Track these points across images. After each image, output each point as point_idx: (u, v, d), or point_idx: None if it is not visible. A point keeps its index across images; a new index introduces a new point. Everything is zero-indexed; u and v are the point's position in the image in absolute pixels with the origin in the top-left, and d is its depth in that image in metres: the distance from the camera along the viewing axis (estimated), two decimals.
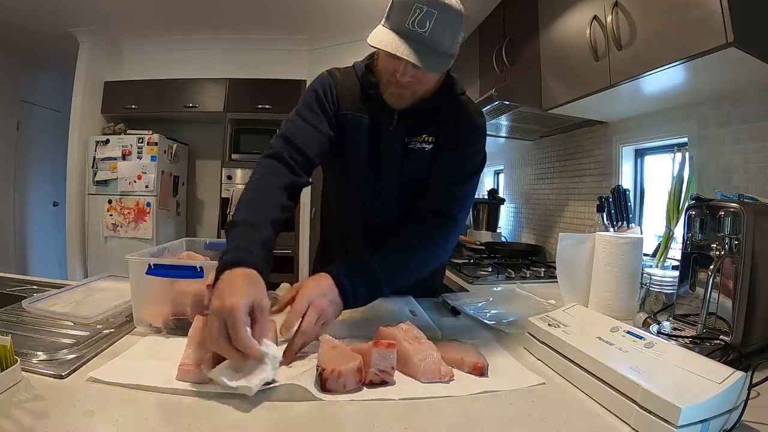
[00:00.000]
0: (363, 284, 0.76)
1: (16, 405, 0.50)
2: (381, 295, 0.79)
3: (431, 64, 0.78)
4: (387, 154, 0.96)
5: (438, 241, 0.88)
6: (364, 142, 0.95)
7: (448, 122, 0.94)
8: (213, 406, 0.52)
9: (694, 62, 0.96)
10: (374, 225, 1.01)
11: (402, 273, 0.84)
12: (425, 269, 0.88)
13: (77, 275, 3.26)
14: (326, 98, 0.94)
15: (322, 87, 0.95)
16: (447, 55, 0.81)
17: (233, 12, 3.00)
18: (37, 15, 2.96)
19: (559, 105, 1.50)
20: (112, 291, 0.94)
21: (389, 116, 0.93)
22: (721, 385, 0.48)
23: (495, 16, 2.15)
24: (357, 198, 1.02)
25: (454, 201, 0.92)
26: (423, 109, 0.92)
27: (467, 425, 0.51)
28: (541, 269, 1.69)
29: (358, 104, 0.95)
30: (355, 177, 1.00)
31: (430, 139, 0.94)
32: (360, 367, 0.58)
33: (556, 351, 0.68)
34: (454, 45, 0.81)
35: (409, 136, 0.95)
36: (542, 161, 2.24)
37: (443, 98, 0.94)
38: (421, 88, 0.87)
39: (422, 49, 0.76)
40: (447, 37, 0.78)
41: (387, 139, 0.95)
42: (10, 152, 3.87)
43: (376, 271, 0.78)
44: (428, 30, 0.76)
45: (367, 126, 0.95)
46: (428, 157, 0.95)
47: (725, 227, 0.73)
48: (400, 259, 0.84)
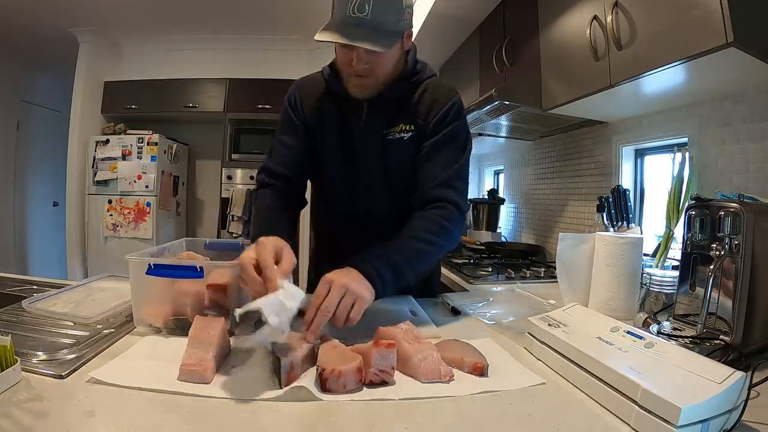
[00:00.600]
0: (386, 269, 0.76)
1: (16, 405, 0.50)
2: (407, 281, 0.80)
3: (379, 44, 0.79)
4: (364, 148, 0.97)
5: (447, 226, 0.88)
6: (338, 141, 0.97)
7: (420, 106, 0.94)
8: (213, 407, 0.52)
9: (694, 62, 0.96)
10: (363, 221, 1.01)
11: (421, 257, 0.85)
12: (440, 254, 0.92)
13: (77, 275, 3.27)
14: (294, 110, 0.99)
15: (288, 100, 1.01)
16: (394, 32, 0.82)
17: (233, 12, 3.01)
18: (37, 15, 2.96)
19: (559, 105, 1.50)
20: (112, 291, 0.94)
21: (358, 110, 0.94)
22: (721, 385, 0.48)
23: (495, 16, 2.15)
24: (342, 197, 1.03)
25: (452, 189, 0.91)
26: (391, 96, 0.93)
27: (467, 425, 0.51)
28: (541, 269, 1.69)
29: (325, 106, 0.97)
30: (336, 175, 1.01)
31: (408, 128, 0.95)
32: (360, 367, 0.58)
33: (556, 351, 0.68)
34: (400, 22, 0.83)
35: (386, 128, 0.95)
36: (542, 161, 2.23)
37: (410, 84, 0.94)
38: (381, 71, 0.88)
39: (367, 32, 0.78)
40: (390, 16, 0.81)
41: (361, 133, 0.96)
42: (10, 152, 3.87)
43: (395, 256, 0.79)
44: (368, 12, 0.78)
45: (337, 125, 0.97)
46: (409, 146, 0.95)
47: (725, 227, 0.73)
48: (414, 244, 0.84)
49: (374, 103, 0.93)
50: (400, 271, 0.78)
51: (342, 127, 0.97)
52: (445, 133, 0.93)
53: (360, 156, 0.97)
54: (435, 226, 0.87)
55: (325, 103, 0.97)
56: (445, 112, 0.93)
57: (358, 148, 0.97)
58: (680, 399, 0.47)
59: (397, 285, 0.78)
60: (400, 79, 0.93)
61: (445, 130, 0.93)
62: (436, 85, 0.97)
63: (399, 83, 0.93)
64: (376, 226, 0.95)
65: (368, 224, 0.99)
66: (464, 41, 2.57)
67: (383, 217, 0.99)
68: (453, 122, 0.94)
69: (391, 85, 0.92)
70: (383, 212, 1.00)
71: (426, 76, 0.96)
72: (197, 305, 0.75)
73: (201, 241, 1.05)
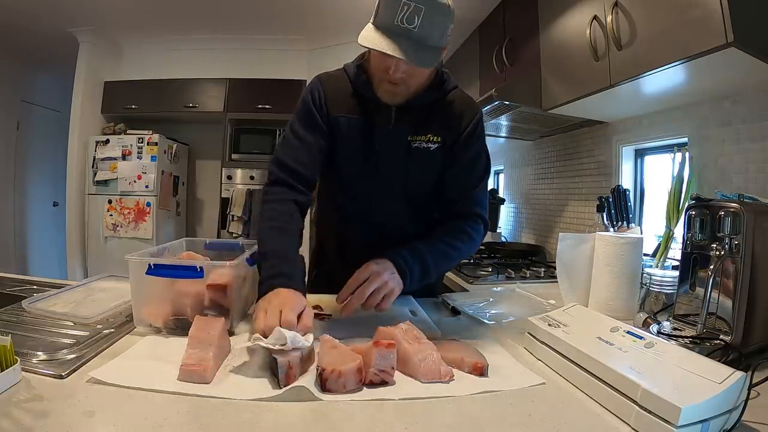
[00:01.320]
0: (417, 264, 0.84)
1: (16, 405, 0.50)
2: (430, 280, 0.88)
3: (422, 60, 0.78)
4: (387, 154, 0.95)
5: (473, 235, 0.95)
6: (360, 142, 0.95)
7: (449, 117, 0.95)
8: (213, 407, 0.52)
9: (694, 62, 0.96)
10: (374, 227, 1.00)
11: (446, 260, 0.92)
12: (460, 259, 0.99)
13: (77, 275, 3.26)
14: (315, 105, 0.95)
15: (311, 94, 0.96)
16: (437, 48, 0.81)
17: (233, 12, 3.00)
18: (37, 15, 2.96)
19: (559, 105, 1.50)
20: (112, 291, 0.94)
21: (386, 115, 0.93)
22: (721, 385, 0.48)
23: (495, 16, 2.15)
24: (355, 200, 1.01)
25: (477, 203, 0.98)
26: (418, 104, 0.92)
27: (467, 425, 0.51)
28: (541, 269, 1.69)
29: (349, 106, 0.95)
30: (353, 178, 0.99)
31: (436, 139, 0.94)
32: (360, 367, 0.58)
33: (556, 351, 0.68)
34: (443, 38, 0.82)
35: (412, 135, 0.94)
36: (542, 161, 2.24)
37: (437, 93, 0.94)
38: (414, 82, 0.87)
39: (412, 45, 0.77)
40: (436, 31, 0.79)
41: (386, 138, 0.94)
42: (10, 152, 3.87)
43: (425, 255, 0.86)
44: (417, 25, 0.76)
45: (361, 126, 0.95)
46: (434, 156, 0.95)
47: (725, 227, 0.73)
48: (443, 248, 0.90)
49: (402, 109, 0.92)
50: (428, 270, 0.86)
51: (366, 129, 0.94)
52: (475, 150, 0.97)
53: (381, 160, 0.96)
54: (464, 234, 0.94)
55: (349, 102, 0.95)
56: (473, 128, 0.96)
57: (381, 152, 0.95)
58: (680, 399, 0.47)
59: (422, 282, 0.86)
60: (429, 88, 0.93)
61: (475, 146, 0.97)
62: (461, 97, 0.98)
63: (428, 92, 0.93)
64: (386, 233, 0.95)
65: (379, 231, 0.99)
66: (464, 41, 2.57)
67: (395, 226, 0.99)
68: (479, 138, 0.97)
69: (421, 93, 0.92)
70: (396, 221, 1.00)
71: (451, 86, 0.97)
72: (197, 305, 0.75)
73: (201, 241, 1.05)
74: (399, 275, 0.81)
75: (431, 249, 0.88)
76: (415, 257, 0.85)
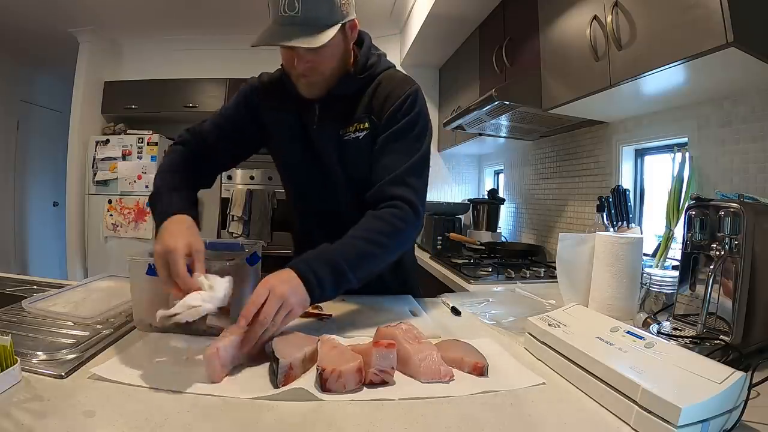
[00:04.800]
0: (326, 273, 0.72)
1: (16, 405, 0.50)
2: (350, 285, 0.76)
3: (313, 40, 0.78)
4: (322, 149, 0.96)
5: (400, 226, 0.83)
6: (296, 138, 0.97)
7: (374, 101, 0.92)
8: (213, 406, 0.52)
9: (694, 62, 0.96)
10: (332, 220, 0.98)
11: (367, 259, 0.79)
12: (391, 256, 0.84)
13: (77, 275, 3.27)
14: (247, 99, 1.00)
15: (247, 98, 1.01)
16: (330, 25, 0.80)
17: (233, 12, 3.01)
18: (38, 15, 2.96)
19: (559, 105, 1.50)
20: (112, 291, 0.94)
21: (311, 112, 0.94)
22: (721, 385, 0.48)
23: (495, 16, 2.15)
24: (308, 198, 1.03)
25: (406, 186, 0.86)
26: (342, 94, 0.91)
27: (467, 425, 0.51)
28: (541, 269, 1.69)
29: (283, 102, 0.96)
30: (300, 179, 1.02)
31: (363, 126, 0.92)
32: (360, 367, 0.58)
33: (556, 351, 0.68)
34: (335, 14, 0.81)
35: (342, 128, 0.93)
36: (542, 161, 2.24)
37: (363, 79, 0.92)
38: (324, 68, 0.86)
39: (300, 30, 0.77)
40: (322, 9, 0.79)
41: (318, 135, 0.95)
42: (10, 152, 3.87)
43: (337, 259, 0.75)
44: (299, 9, 0.77)
45: (294, 122, 0.96)
46: (366, 144, 0.92)
47: (725, 227, 0.73)
48: (361, 245, 0.79)
49: (326, 103, 0.91)
50: (343, 275, 0.74)
51: (301, 133, 0.97)
52: (398, 127, 0.88)
53: (319, 159, 0.96)
54: (387, 226, 0.82)
55: (286, 102, 0.96)
56: (398, 105, 0.89)
57: (317, 152, 0.96)
58: (680, 399, 0.46)
59: (339, 289, 0.75)
60: (350, 74, 0.90)
61: (399, 123, 0.88)
62: (390, 77, 0.93)
63: (349, 79, 0.90)
64: (345, 224, 0.88)
65: (337, 223, 0.94)
66: (464, 41, 2.57)
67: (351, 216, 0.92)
68: (407, 115, 0.89)
69: (341, 81, 0.89)
70: (350, 211, 0.95)
71: (380, 69, 0.93)
72: None
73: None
74: (305, 287, 0.70)
75: (344, 251, 0.77)
76: (325, 263, 0.73)
